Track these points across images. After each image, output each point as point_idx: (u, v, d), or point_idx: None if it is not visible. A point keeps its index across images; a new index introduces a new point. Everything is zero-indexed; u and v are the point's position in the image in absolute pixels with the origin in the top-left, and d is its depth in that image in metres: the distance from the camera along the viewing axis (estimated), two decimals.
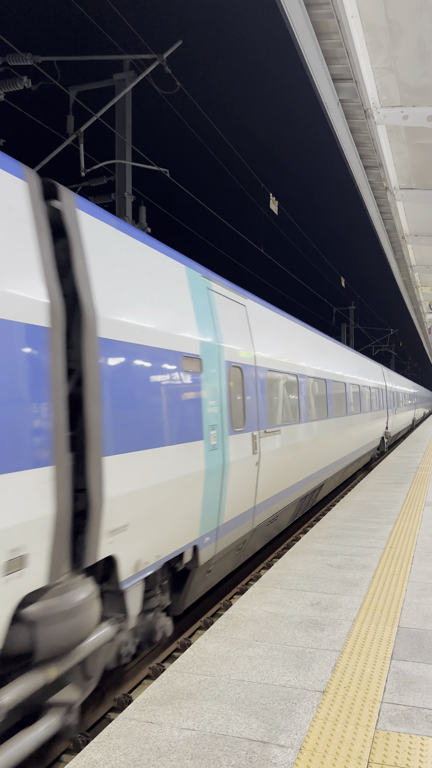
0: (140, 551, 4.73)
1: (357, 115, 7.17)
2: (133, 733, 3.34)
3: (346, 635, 4.69)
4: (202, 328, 6.19)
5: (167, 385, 5.25)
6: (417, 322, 26.53)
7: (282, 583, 6.03)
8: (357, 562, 6.75)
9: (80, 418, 4.17)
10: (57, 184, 4.24)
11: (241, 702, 3.67)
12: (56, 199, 4.25)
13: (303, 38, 5.58)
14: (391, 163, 8.90)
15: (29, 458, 3.51)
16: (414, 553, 7.12)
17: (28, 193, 3.87)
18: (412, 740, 3.25)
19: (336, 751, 3.15)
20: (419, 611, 5.20)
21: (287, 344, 9.74)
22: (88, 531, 4.09)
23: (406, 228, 12.22)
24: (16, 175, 3.81)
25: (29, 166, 4.71)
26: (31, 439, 3.54)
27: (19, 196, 3.78)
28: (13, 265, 3.56)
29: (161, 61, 9.49)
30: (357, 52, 5.96)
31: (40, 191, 4.05)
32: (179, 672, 4.09)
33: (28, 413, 3.54)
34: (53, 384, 3.76)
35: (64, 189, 4.30)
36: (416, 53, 6.04)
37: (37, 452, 3.58)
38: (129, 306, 4.79)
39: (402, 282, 17.29)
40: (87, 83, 10.67)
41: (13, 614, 3.53)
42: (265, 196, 12.11)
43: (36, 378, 3.63)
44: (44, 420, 3.66)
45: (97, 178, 10.78)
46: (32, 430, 3.55)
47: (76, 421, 4.18)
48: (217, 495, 6.32)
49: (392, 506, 10.26)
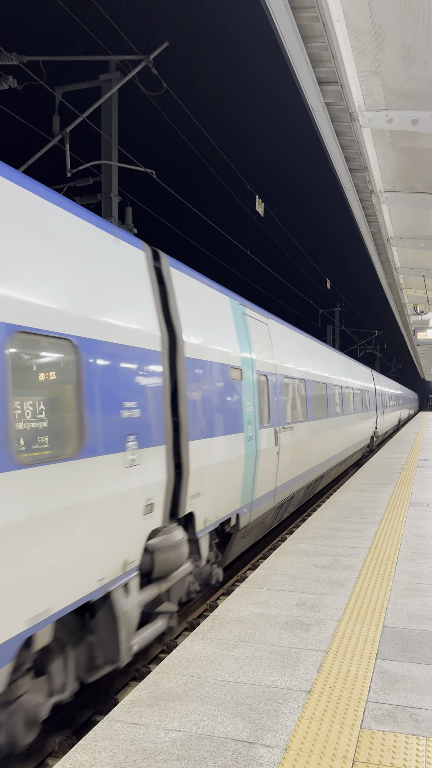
0: (207, 512, 6.44)
1: (342, 119, 7.22)
2: (119, 735, 3.34)
3: (331, 635, 4.71)
4: (241, 345, 7.88)
5: (222, 389, 6.96)
6: (401, 324, 26.72)
7: (268, 584, 6.04)
8: (342, 563, 6.79)
9: (176, 413, 5.86)
10: (158, 250, 5.93)
11: (227, 702, 3.68)
12: (158, 260, 5.94)
13: (289, 41, 5.61)
14: (376, 166, 8.96)
15: (158, 438, 5.22)
16: (399, 553, 7.17)
17: (145, 259, 5.56)
18: (396, 739, 3.27)
19: (321, 750, 3.17)
20: (404, 611, 5.24)
21: (299, 355, 11.67)
22: (181, 492, 5.81)
23: (391, 231, 12.31)
24: (139, 248, 5.50)
25: (14, 167, 4.94)
26: (158, 426, 5.23)
27: (142, 262, 5.48)
28: (143, 311, 5.24)
29: (147, 62, 9.48)
30: (342, 55, 6.00)
31: (151, 256, 5.74)
32: (165, 673, 4.09)
33: (156, 408, 5.22)
34: (164, 391, 5.45)
35: (162, 253, 5.97)
36: (401, 57, 6.09)
37: (160, 435, 5.26)
38: (199, 332, 6.46)
39: (387, 284, 17.42)
40: (73, 83, 10.63)
41: (144, 543, 5.08)
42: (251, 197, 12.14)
43: (158, 387, 5.31)
44: (162, 413, 5.35)
45: (83, 179, 10.74)
46: (158, 419, 5.23)
47: (174, 415, 5.88)
48: (252, 476, 8.02)
49: (377, 507, 10.32)
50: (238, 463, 7.39)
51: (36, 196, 4.11)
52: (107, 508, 4.36)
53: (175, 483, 5.79)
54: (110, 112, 10.89)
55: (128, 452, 4.71)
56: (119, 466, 4.56)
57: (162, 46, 9.47)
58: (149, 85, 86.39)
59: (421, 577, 6.23)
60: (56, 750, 4.55)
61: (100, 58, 9.75)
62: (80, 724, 4.97)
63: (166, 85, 9.45)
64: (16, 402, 3.56)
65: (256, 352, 8.49)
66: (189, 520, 6.19)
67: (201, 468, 6.19)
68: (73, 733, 4.87)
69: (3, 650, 3.31)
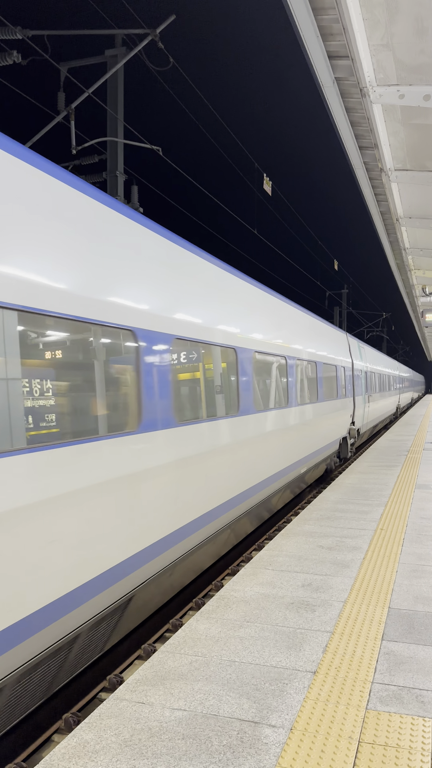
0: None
1: (353, 94, 7.07)
2: (125, 714, 3.35)
3: (337, 616, 4.71)
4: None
5: (358, 376, 8.27)
6: (410, 306, 26.51)
7: (273, 565, 6.04)
8: (348, 544, 6.78)
9: (353, 387, 9.01)
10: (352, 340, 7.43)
11: (233, 682, 3.68)
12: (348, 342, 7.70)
13: (299, 13, 5.47)
14: (386, 144, 8.80)
15: (350, 394, 7.98)
16: (405, 535, 7.15)
17: (345, 338, 7.70)
18: (402, 720, 3.27)
19: (327, 730, 3.17)
20: (410, 592, 5.23)
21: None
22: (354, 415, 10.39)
23: (401, 210, 12.14)
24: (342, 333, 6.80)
25: (21, 143, 4.77)
26: (349, 390, 8.51)
27: (343, 339, 8.10)
28: None
29: (154, 36, 9.30)
30: (354, 28, 5.85)
31: None
32: (171, 653, 4.10)
33: (348, 386, 8.22)
34: None
35: (358, 341, 7.43)
36: (414, 30, 5.93)
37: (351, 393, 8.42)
38: (361, 359, 7.81)
39: (395, 265, 17.22)
40: (78, 59, 10.46)
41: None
42: (259, 176, 11.97)
43: None
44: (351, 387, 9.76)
45: (88, 156, 10.60)
46: (349, 388, 8.99)
47: (353, 388, 8.90)
48: None
49: (383, 488, 10.30)
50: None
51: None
52: None
53: None
54: (116, 88, 10.72)
55: None
56: None
57: (168, 19, 9.28)
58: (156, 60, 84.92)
59: (427, 558, 6.21)
60: (62, 727, 4.58)
61: (106, 32, 9.57)
62: (86, 702, 5.01)
63: (172, 59, 9.28)
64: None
65: (365, 362, 6.03)
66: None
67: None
68: (79, 711, 4.91)
69: None
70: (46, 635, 3.81)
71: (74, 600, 4.06)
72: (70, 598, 4.01)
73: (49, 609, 3.80)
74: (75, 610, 4.09)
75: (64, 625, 4.00)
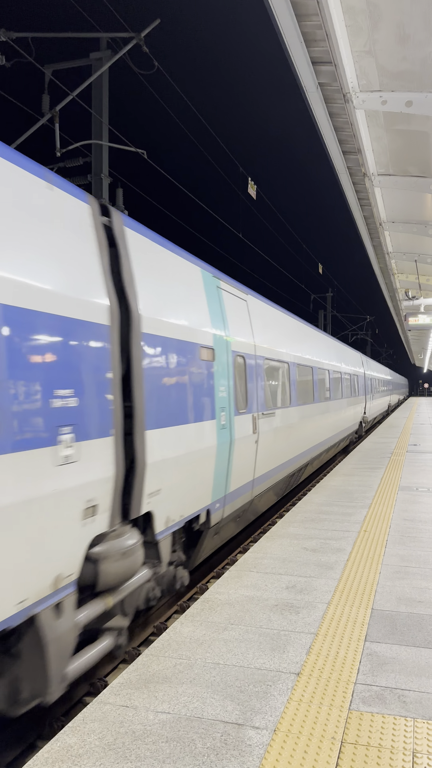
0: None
1: (336, 100, 7.13)
2: (108, 717, 3.34)
3: (320, 618, 4.74)
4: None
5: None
6: (393, 309, 26.72)
7: (258, 567, 6.06)
8: (332, 546, 6.82)
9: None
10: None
11: (217, 685, 3.69)
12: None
13: (282, 19, 5.51)
14: (369, 149, 8.89)
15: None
16: (388, 537, 7.21)
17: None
18: (384, 720, 3.30)
19: (310, 731, 3.19)
20: (392, 593, 5.27)
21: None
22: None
23: (384, 214, 12.25)
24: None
25: (5, 143, 4.75)
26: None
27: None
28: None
29: (139, 40, 9.32)
30: (337, 34, 5.91)
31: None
32: (155, 656, 4.10)
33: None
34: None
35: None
36: (396, 37, 6.01)
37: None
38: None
39: (379, 269, 17.37)
40: (63, 61, 10.44)
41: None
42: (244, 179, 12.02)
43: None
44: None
45: (73, 159, 10.58)
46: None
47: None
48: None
49: (367, 491, 10.37)
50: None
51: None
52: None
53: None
54: (101, 91, 10.72)
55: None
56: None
57: (153, 23, 9.31)
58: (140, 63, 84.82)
59: (410, 560, 6.27)
60: (45, 732, 4.56)
61: (91, 35, 9.57)
62: (70, 707, 4.98)
63: (157, 63, 9.30)
64: None
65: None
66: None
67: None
68: (63, 715, 4.89)
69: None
70: None
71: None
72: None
73: None
74: None
75: None
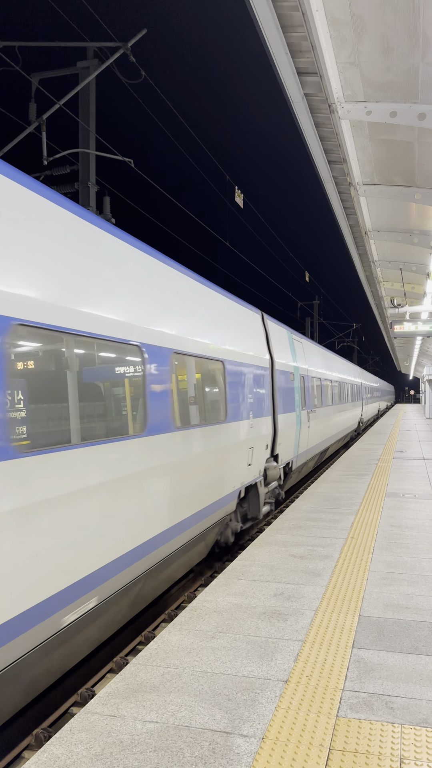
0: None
1: (321, 110, 7.21)
2: (96, 728, 3.32)
3: (308, 625, 4.74)
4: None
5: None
6: (379, 317, 26.92)
7: (246, 575, 6.06)
8: (319, 553, 6.83)
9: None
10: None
11: (205, 693, 3.68)
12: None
13: (268, 30, 5.57)
14: (354, 158, 8.98)
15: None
16: (375, 543, 7.24)
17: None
18: (372, 726, 3.30)
19: (298, 739, 3.19)
20: (380, 600, 5.29)
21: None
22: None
23: (369, 223, 12.36)
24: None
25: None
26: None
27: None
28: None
29: (125, 49, 9.37)
30: (322, 46, 5.98)
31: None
32: (142, 665, 4.08)
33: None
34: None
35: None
36: (380, 49, 6.09)
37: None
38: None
39: (365, 277, 17.51)
40: (50, 70, 10.46)
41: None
42: (231, 188, 12.09)
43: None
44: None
45: (59, 167, 10.59)
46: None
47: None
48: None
49: (354, 497, 10.41)
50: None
51: None
52: None
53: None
54: (88, 100, 10.75)
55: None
56: None
57: (140, 33, 9.36)
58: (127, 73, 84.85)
59: (396, 566, 6.30)
60: (32, 743, 4.52)
61: (78, 45, 9.61)
62: (57, 717, 4.94)
63: (144, 72, 9.35)
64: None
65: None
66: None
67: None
68: (50, 726, 4.85)
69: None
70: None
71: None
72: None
73: None
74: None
75: None
